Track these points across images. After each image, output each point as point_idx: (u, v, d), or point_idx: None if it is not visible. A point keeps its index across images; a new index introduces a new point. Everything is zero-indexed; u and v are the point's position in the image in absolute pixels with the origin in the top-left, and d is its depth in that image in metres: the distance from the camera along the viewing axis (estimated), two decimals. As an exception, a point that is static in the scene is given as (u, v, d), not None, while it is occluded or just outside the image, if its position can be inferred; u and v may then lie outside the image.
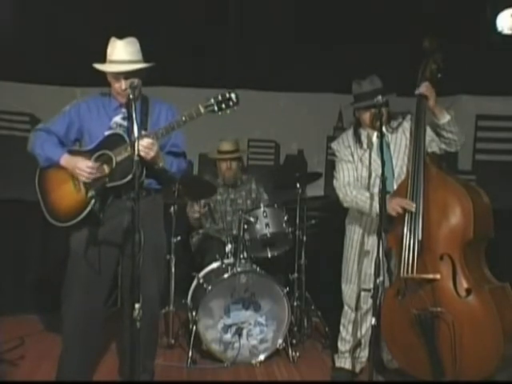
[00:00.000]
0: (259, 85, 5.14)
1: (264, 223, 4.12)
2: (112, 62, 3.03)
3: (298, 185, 4.31)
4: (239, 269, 3.89)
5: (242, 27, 5.03)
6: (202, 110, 2.87)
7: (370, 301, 3.22)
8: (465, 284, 3.02)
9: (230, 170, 4.63)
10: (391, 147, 3.45)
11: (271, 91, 5.25)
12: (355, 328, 3.61)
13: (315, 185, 4.79)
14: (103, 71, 3.07)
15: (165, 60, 4.12)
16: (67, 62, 4.76)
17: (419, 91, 3.27)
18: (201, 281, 3.99)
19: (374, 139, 3.46)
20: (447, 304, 3.03)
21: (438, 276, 3.06)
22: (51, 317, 4.28)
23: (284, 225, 4.17)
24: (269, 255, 4.23)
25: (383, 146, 3.15)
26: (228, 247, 4.20)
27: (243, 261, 3.97)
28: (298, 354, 3.91)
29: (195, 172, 5.17)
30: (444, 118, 3.28)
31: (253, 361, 3.85)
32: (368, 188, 3.46)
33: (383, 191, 3.04)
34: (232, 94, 2.86)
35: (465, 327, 2.97)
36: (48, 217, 3.08)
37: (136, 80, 3.02)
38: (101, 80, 3.12)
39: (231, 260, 4.07)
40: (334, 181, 3.57)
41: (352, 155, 3.51)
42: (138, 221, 2.67)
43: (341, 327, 3.69)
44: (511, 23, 4.29)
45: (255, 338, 3.89)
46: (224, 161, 4.62)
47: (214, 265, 4.10)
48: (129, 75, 3.01)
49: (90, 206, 2.97)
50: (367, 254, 3.47)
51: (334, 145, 3.62)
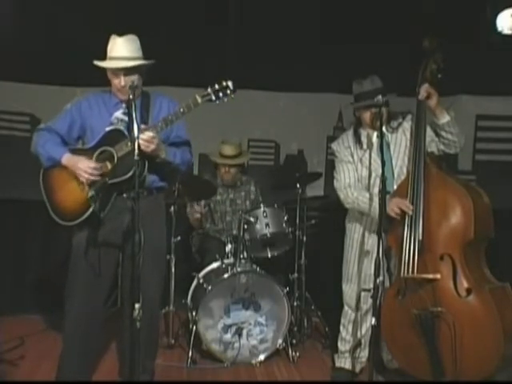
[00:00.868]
0: (259, 85, 5.14)
1: (264, 223, 4.12)
2: (112, 59, 3.03)
3: (298, 185, 4.31)
4: (239, 269, 3.89)
5: (242, 27, 5.02)
6: (200, 100, 2.86)
7: (370, 301, 3.22)
8: (465, 284, 3.02)
9: (228, 174, 4.62)
10: (391, 147, 3.45)
11: (271, 91, 5.25)
12: (355, 328, 3.61)
13: (315, 185, 4.80)
14: (103, 69, 3.06)
15: (165, 60, 4.12)
16: (67, 62, 4.76)
17: (421, 96, 3.24)
18: (201, 281, 3.99)
19: (374, 139, 3.46)
20: (447, 304, 3.03)
21: (439, 276, 3.06)
22: (51, 317, 4.30)
23: (284, 225, 4.17)
24: (269, 255, 4.23)
25: (383, 146, 3.15)
26: (228, 247, 4.20)
27: (243, 261, 3.97)
28: (298, 354, 3.91)
29: (195, 172, 5.17)
30: (444, 119, 3.28)
31: (253, 361, 3.86)
32: (368, 188, 3.46)
33: (383, 191, 3.04)
34: (229, 82, 2.85)
35: (465, 327, 2.97)
36: (54, 216, 3.05)
37: (136, 79, 3.01)
38: (101, 80, 3.12)
39: (231, 260, 4.08)
40: (335, 182, 3.57)
41: (352, 156, 3.51)
42: (138, 221, 2.67)
43: (341, 327, 3.69)
44: (511, 23, 4.29)
45: (255, 338, 3.89)
46: (223, 165, 4.62)
47: (214, 265, 4.10)
48: (128, 72, 3.00)
49: (93, 207, 2.96)
50: (367, 254, 3.47)
51: (334, 145, 3.61)
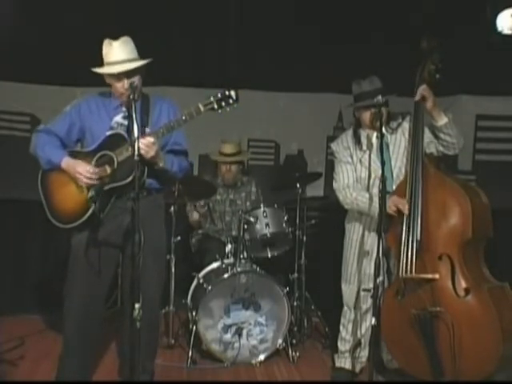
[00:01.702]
0: (259, 85, 5.14)
1: (264, 223, 4.12)
2: (111, 64, 3.02)
3: (298, 185, 4.31)
4: (239, 269, 3.89)
5: (242, 27, 5.03)
6: (202, 109, 2.86)
7: (370, 300, 3.22)
8: (464, 284, 3.02)
9: (230, 173, 4.63)
10: (390, 148, 3.45)
11: (271, 91, 5.25)
12: (355, 328, 3.61)
13: (315, 185, 4.80)
14: (102, 73, 3.06)
15: (165, 60, 4.14)
16: (67, 62, 4.76)
17: (418, 97, 3.24)
18: (201, 281, 3.99)
19: (374, 140, 3.46)
20: (446, 304, 3.03)
21: (437, 276, 3.06)
22: (51, 317, 4.30)
23: (284, 225, 4.17)
24: (269, 255, 4.23)
25: (383, 147, 3.15)
26: (228, 247, 4.21)
27: (243, 261, 3.97)
28: (298, 354, 3.91)
29: (195, 172, 5.17)
30: (442, 120, 3.27)
31: (253, 361, 3.86)
32: (367, 189, 3.45)
33: (383, 191, 3.04)
34: (231, 92, 2.86)
35: (464, 327, 2.97)
36: (51, 218, 3.06)
37: (136, 80, 3.02)
38: (101, 80, 3.11)
39: (231, 260, 4.08)
40: (334, 182, 3.57)
41: (351, 156, 3.51)
42: (138, 221, 2.66)
43: (341, 327, 3.68)
44: (511, 23, 4.29)
45: (255, 338, 3.89)
46: (224, 163, 4.62)
47: (214, 265, 4.10)
48: (130, 74, 3.00)
49: (92, 209, 2.96)
50: (366, 254, 3.47)
51: (334, 146, 3.61)
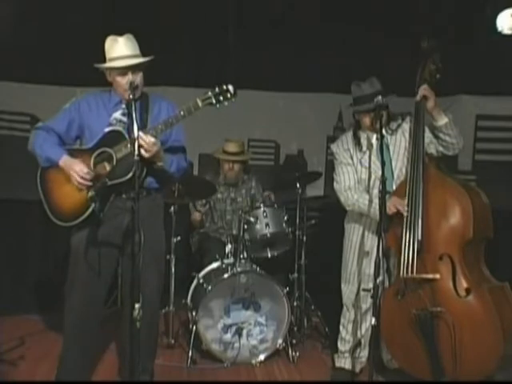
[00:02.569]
0: (259, 85, 5.15)
1: (264, 223, 4.13)
2: (116, 59, 3.00)
3: (298, 185, 4.31)
4: (239, 269, 3.89)
5: (242, 27, 5.03)
6: (200, 104, 2.85)
7: (370, 300, 3.22)
8: (464, 284, 3.02)
9: (232, 171, 4.64)
10: (390, 149, 3.44)
11: (271, 91, 5.25)
12: (355, 328, 3.61)
13: (315, 185, 4.80)
14: (103, 71, 3.05)
15: (165, 60, 4.13)
16: (67, 62, 4.77)
17: (419, 97, 3.24)
18: (201, 281, 3.99)
19: (374, 141, 3.45)
20: (447, 304, 3.03)
21: (438, 276, 3.06)
22: (51, 317, 4.29)
23: (284, 225, 4.17)
24: (269, 255, 4.24)
25: (383, 148, 3.14)
26: (228, 247, 4.20)
27: (243, 261, 3.97)
28: (298, 354, 3.90)
29: (195, 172, 5.17)
30: (442, 120, 3.27)
31: (253, 361, 3.85)
32: (368, 190, 3.45)
33: (383, 192, 3.03)
34: (229, 86, 2.84)
35: (464, 327, 2.97)
36: (51, 216, 3.05)
37: (138, 78, 3.02)
38: (101, 80, 3.11)
39: (231, 260, 4.07)
40: (335, 184, 3.56)
41: (351, 158, 3.50)
42: (138, 221, 2.67)
43: (340, 327, 3.68)
44: (511, 23, 4.29)
45: (255, 338, 3.89)
46: (227, 161, 4.63)
47: (214, 265, 4.10)
48: (135, 69, 3.01)
49: (92, 207, 2.96)
50: (366, 255, 3.47)
51: (334, 147, 3.60)
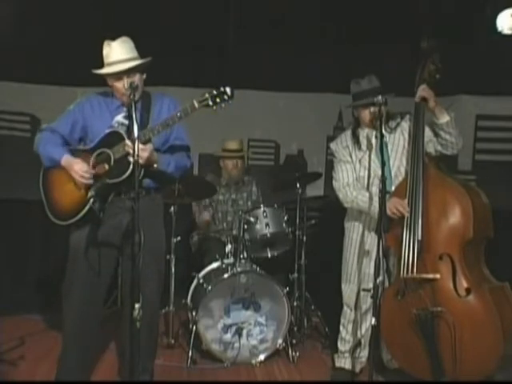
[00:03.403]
0: (259, 85, 5.15)
1: (264, 223, 4.13)
2: (111, 64, 3.03)
3: (298, 185, 4.31)
4: (239, 269, 3.89)
5: (242, 27, 5.03)
6: (197, 105, 2.86)
7: (370, 300, 3.22)
8: (464, 284, 3.02)
9: (237, 169, 4.67)
10: (389, 147, 3.44)
11: (271, 91, 5.26)
12: (355, 328, 3.61)
13: (315, 185, 4.80)
14: (103, 74, 3.07)
15: (165, 60, 4.14)
16: (67, 62, 4.76)
17: (417, 98, 3.25)
18: (201, 281, 3.99)
19: (373, 140, 3.45)
20: (447, 304, 3.02)
21: (438, 276, 3.06)
22: (51, 317, 4.30)
23: (284, 225, 4.17)
24: (269, 255, 4.24)
25: (383, 147, 3.15)
26: (228, 247, 4.20)
27: (243, 261, 3.97)
28: (298, 354, 3.90)
29: (195, 172, 5.18)
30: (444, 118, 3.27)
31: (253, 361, 3.85)
32: (367, 188, 3.45)
33: (383, 191, 3.04)
34: (226, 89, 2.85)
35: (464, 327, 2.97)
36: (50, 214, 3.09)
37: (136, 79, 3.02)
38: (101, 80, 3.12)
39: (231, 260, 4.07)
40: (334, 181, 3.57)
41: (350, 155, 3.51)
42: (138, 221, 2.67)
43: (340, 327, 3.68)
44: (511, 23, 4.29)
45: (255, 338, 3.89)
46: (230, 159, 4.65)
47: (214, 265, 4.10)
48: (130, 73, 3.01)
49: (89, 205, 2.98)
50: (366, 254, 3.47)
51: (333, 145, 3.61)
